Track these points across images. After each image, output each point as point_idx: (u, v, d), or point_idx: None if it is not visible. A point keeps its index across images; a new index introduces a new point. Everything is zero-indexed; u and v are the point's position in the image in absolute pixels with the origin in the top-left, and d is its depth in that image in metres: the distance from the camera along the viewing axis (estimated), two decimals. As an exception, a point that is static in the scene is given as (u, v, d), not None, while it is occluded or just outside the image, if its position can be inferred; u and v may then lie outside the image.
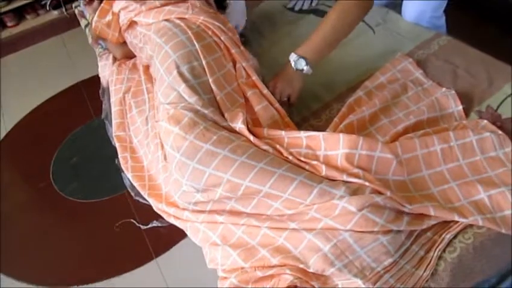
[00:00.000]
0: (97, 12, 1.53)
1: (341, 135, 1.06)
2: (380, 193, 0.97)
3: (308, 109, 1.35)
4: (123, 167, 1.38)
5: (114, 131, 1.46)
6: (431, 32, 1.51)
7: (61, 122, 2.36)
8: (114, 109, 1.50)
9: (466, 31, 1.61)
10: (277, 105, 1.23)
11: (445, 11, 1.65)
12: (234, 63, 1.28)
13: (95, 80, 1.76)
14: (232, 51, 1.28)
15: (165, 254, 1.67)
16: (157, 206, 1.20)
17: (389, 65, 1.37)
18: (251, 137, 1.10)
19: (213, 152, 1.04)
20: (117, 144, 1.44)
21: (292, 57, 1.26)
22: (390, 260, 0.92)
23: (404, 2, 1.62)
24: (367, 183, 0.98)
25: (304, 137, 1.10)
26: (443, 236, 0.96)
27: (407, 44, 1.48)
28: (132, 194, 1.35)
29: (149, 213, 1.23)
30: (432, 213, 0.94)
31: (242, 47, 1.32)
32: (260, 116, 1.20)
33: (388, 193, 0.96)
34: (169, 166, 1.15)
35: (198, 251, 1.11)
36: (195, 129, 1.08)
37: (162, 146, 1.20)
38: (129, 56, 1.64)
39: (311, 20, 1.72)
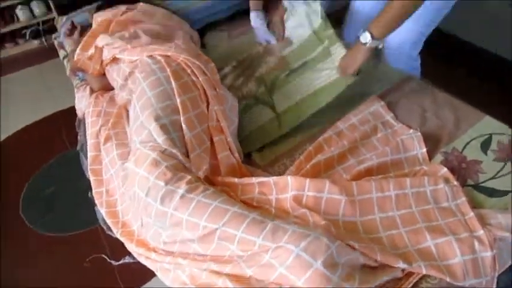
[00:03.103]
0: (80, 45, 1.60)
1: (289, 178, 1.14)
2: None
3: (281, 148, 1.41)
4: (97, 201, 1.41)
5: (90, 164, 1.48)
6: (404, 75, 1.62)
7: (34, 152, 2.36)
8: (90, 142, 1.53)
9: (438, 74, 1.71)
10: (236, 154, 1.32)
11: (420, 53, 1.77)
12: (208, 104, 1.36)
13: (72, 110, 1.80)
14: (208, 93, 1.36)
15: (136, 291, 1.67)
16: (128, 246, 1.23)
17: (362, 107, 1.46)
18: (206, 184, 1.17)
19: (172, 191, 1.10)
20: (91, 178, 1.46)
21: (360, 32, 1.39)
22: None
23: None
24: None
25: (256, 183, 1.19)
26: None
27: (380, 86, 1.57)
28: (105, 227, 1.37)
29: (121, 248, 1.25)
30: (378, 257, 0.98)
31: (219, 90, 1.40)
32: (221, 163, 1.29)
33: (332, 228, 1.00)
34: (136, 206, 1.19)
35: (169, 288, 1.13)
36: (157, 169, 1.15)
37: None
38: (107, 88, 1.69)
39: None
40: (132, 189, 1.21)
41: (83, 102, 1.72)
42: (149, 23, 1.64)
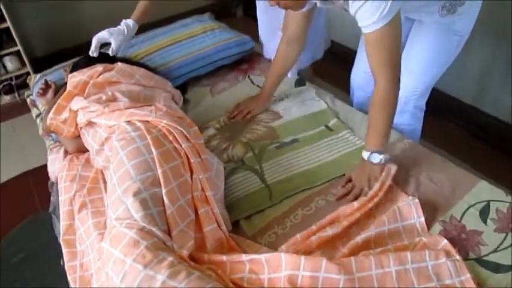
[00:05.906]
0: (53, 109, 1.55)
1: (283, 256, 1.08)
2: None
3: (271, 215, 1.35)
4: (69, 277, 1.32)
5: (62, 234, 1.41)
6: (395, 135, 1.59)
7: (3, 215, 2.25)
8: (63, 209, 1.45)
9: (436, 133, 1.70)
10: (223, 227, 1.25)
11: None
12: (192, 172, 1.29)
13: (44, 169, 1.71)
14: (192, 161, 1.29)
15: None
16: None
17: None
18: (192, 263, 1.10)
19: (151, 277, 1.01)
20: (64, 250, 1.38)
21: (366, 155, 1.38)
22: None
23: None
24: None
25: (246, 261, 1.12)
26: None
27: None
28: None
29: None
30: None
31: (204, 155, 1.34)
32: (207, 238, 1.21)
33: None
34: None
35: None
36: (135, 250, 1.06)
37: None
38: (83, 149, 1.63)
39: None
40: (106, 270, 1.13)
41: (56, 165, 1.65)
42: (128, 84, 1.61)
